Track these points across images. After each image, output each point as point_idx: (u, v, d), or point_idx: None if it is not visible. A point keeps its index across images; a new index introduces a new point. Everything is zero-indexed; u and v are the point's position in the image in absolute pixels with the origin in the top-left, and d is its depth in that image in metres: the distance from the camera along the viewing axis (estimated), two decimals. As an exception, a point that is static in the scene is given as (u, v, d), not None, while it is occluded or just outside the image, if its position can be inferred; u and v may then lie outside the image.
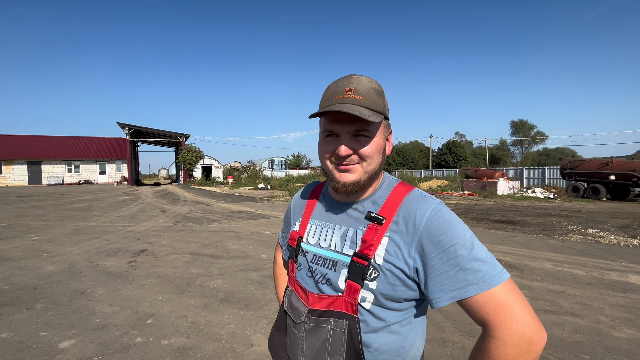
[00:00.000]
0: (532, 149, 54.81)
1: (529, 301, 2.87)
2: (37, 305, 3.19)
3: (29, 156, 31.75)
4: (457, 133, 61.10)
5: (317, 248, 0.78)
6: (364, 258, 0.68)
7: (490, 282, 0.60)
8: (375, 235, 0.69)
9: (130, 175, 32.25)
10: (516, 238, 6.45)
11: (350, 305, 0.69)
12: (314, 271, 0.76)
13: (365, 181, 0.72)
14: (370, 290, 0.68)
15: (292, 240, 0.84)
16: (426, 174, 30.95)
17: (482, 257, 0.63)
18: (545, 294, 3.50)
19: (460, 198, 16.27)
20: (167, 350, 2.40)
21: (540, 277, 4.06)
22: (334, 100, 0.69)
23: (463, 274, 0.62)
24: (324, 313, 0.72)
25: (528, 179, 21.60)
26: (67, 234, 6.76)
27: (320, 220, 0.81)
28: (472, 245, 0.64)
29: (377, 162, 0.72)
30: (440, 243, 0.64)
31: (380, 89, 0.72)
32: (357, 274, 0.68)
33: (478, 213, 10.34)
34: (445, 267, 0.63)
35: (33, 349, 2.39)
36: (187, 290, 3.60)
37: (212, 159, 39.05)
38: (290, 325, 0.80)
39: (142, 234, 6.86)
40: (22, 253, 5.20)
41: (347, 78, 0.71)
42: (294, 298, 0.81)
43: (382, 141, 0.72)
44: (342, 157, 0.70)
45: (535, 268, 4.43)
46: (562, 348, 2.41)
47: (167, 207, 12.22)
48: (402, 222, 0.68)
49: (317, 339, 0.72)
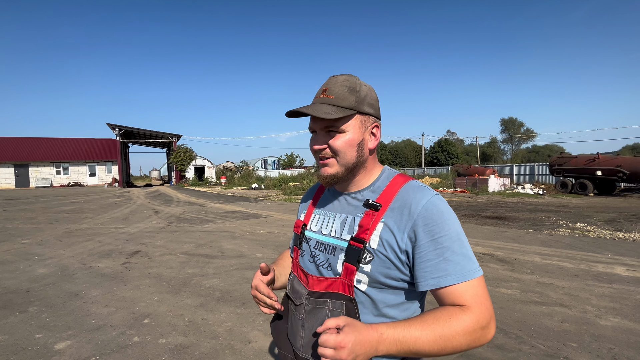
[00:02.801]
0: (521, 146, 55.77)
1: (519, 293, 2.94)
2: (30, 307, 3.16)
3: (16, 158, 31.03)
4: (448, 131, 61.85)
5: (319, 235, 0.83)
6: (359, 241, 0.73)
7: (467, 275, 0.67)
8: (371, 220, 0.73)
9: (121, 177, 31.79)
10: (507, 233, 6.59)
11: (346, 286, 0.73)
12: (316, 256, 0.81)
13: (344, 173, 0.77)
14: (365, 273, 0.72)
15: (297, 228, 0.90)
16: (419, 172, 31.23)
17: (465, 252, 0.69)
18: (535, 286, 3.60)
19: (453, 195, 16.49)
20: (165, 348, 2.41)
21: (530, 270, 4.17)
22: (313, 100, 0.78)
23: (445, 264, 0.67)
24: (323, 295, 0.76)
25: (518, 176, 22.01)
26: (58, 237, 6.66)
27: (324, 209, 0.86)
28: (458, 239, 0.69)
29: (351, 155, 0.76)
30: (432, 232, 0.68)
31: (355, 85, 0.76)
32: (353, 257, 0.73)
33: (470, 209, 10.50)
34: (431, 255, 0.68)
35: (29, 351, 2.38)
36: (183, 290, 3.60)
37: (204, 160, 38.72)
38: (292, 308, 0.84)
39: (136, 235, 6.80)
40: (12, 256, 5.11)
41: (328, 80, 0.78)
42: (296, 282, 0.85)
43: (357, 135, 0.76)
44: (316, 152, 0.78)
45: (525, 261, 4.55)
46: (551, 337, 2.50)
47: (160, 208, 12.11)
48: (397, 209, 0.72)
49: (316, 320, 0.75)
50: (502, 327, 2.66)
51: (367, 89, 0.78)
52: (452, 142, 41.91)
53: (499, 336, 2.52)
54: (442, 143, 40.26)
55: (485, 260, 4.67)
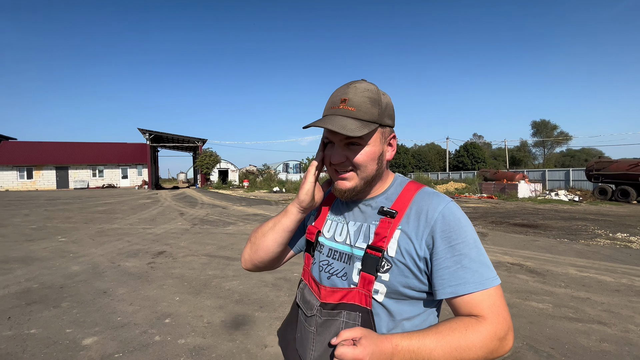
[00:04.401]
0: (555, 150, 52.73)
1: (552, 307, 2.74)
2: (63, 303, 3.35)
3: (57, 162, 33.38)
4: (475, 134, 59.67)
5: (332, 242, 0.80)
6: (377, 250, 0.70)
7: (485, 283, 0.65)
8: (388, 228, 0.71)
9: (151, 179, 33.30)
10: (538, 242, 6.22)
11: (364, 297, 0.70)
12: (330, 265, 0.78)
13: (362, 187, 0.75)
14: (383, 283, 0.69)
15: (310, 235, 0.85)
16: (443, 176, 30.34)
17: (483, 260, 0.67)
18: (569, 300, 3.35)
19: (479, 201, 15.84)
20: (184, 349, 2.46)
21: (564, 282, 3.89)
22: (330, 110, 0.73)
23: (462, 271, 0.66)
24: (337, 306, 0.72)
25: (551, 181, 20.78)
26: (91, 236, 7.05)
27: (337, 216, 0.83)
28: (475, 246, 0.68)
29: (372, 169, 0.74)
30: (449, 239, 0.67)
31: (377, 96, 0.72)
32: (370, 266, 0.70)
33: (497, 216, 10.03)
34: (448, 262, 0.67)
35: (59, 345, 2.51)
36: (204, 291, 3.68)
37: (228, 163, 39.78)
38: (302, 319, 0.81)
39: (161, 236, 7.07)
40: (50, 253, 5.46)
41: (346, 87, 0.73)
42: (307, 291, 0.82)
43: (378, 148, 0.73)
44: (336, 165, 0.75)
45: (559, 273, 4.25)
46: (587, 357, 2.30)
47: (185, 210, 12.53)
48: (414, 215, 0.71)
49: (329, 333, 0.72)
50: (532, 344, 2.49)
51: (386, 99, 0.75)
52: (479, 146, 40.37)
53: (528, 354, 2.36)
54: (467, 147, 38.90)
55: (514, 270, 4.42)
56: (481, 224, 8.49)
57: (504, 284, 3.84)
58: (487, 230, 7.55)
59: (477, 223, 8.70)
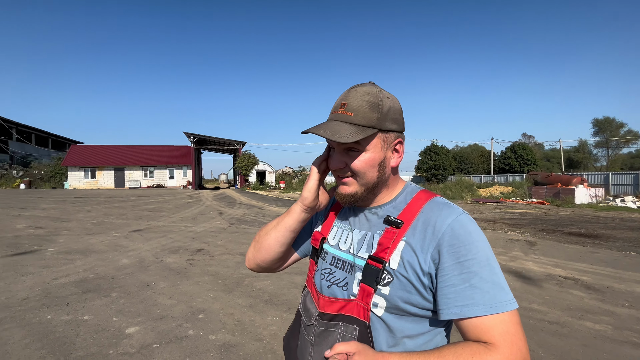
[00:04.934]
0: (621, 151, 46.87)
1: (611, 329, 2.43)
2: (112, 293, 3.66)
3: (116, 163, 36.94)
4: (524, 134, 55.12)
5: (336, 250, 0.78)
6: (378, 261, 0.67)
7: (498, 307, 0.58)
8: (392, 238, 0.67)
9: (194, 180, 35.47)
10: (598, 254, 5.55)
11: (362, 309, 0.67)
12: (332, 273, 0.75)
13: (362, 193, 0.72)
14: (383, 296, 0.65)
15: (315, 241, 0.84)
16: (487, 179, 28.47)
17: (496, 280, 0.61)
18: (634, 323, 2.93)
19: (527, 206, 14.59)
20: (214, 345, 2.56)
21: (627, 302, 3.42)
22: (330, 115, 0.72)
23: (471, 291, 0.60)
24: (335, 317, 0.70)
25: (616, 186, 18.49)
26: (140, 232, 7.67)
27: (343, 222, 0.81)
28: (488, 264, 0.61)
29: (372, 176, 0.70)
30: (457, 254, 0.62)
31: (378, 100, 0.68)
32: (370, 278, 0.67)
33: (549, 224, 9.15)
34: (455, 280, 0.61)
35: (106, 332, 2.74)
36: (236, 290, 3.80)
37: (265, 165, 41.05)
38: (302, 327, 0.79)
39: (201, 234, 7.47)
40: (105, 247, 6.03)
41: (348, 90, 0.71)
42: (309, 299, 0.80)
43: (378, 154, 0.70)
44: (335, 170, 0.74)
45: (622, 291, 3.75)
46: (656, 392, 1.99)
47: (224, 209, 13.13)
48: (421, 227, 0.66)
49: (326, 344, 0.70)
50: (585, 370, 2.21)
51: (390, 102, 0.70)
52: (528, 147, 37.12)
53: (580, 381, 2.10)
54: (515, 148, 35.97)
55: (567, 285, 3.98)
56: (529, 232, 7.80)
57: (554, 299, 3.48)
58: (536, 239, 6.91)
59: (525, 231, 8.00)
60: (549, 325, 2.90)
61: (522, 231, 7.97)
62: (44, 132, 44.65)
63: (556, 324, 2.92)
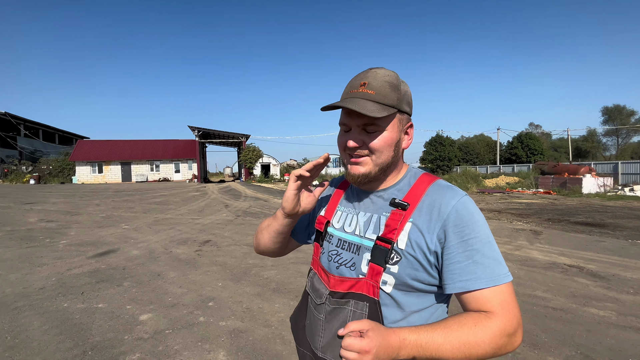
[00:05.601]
0: (631, 140, 45.94)
1: (615, 315, 2.46)
2: (125, 282, 3.77)
3: (122, 158, 37.31)
4: (531, 124, 54.30)
5: (342, 233, 0.80)
6: (387, 242, 0.70)
7: (497, 279, 0.65)
8: (399, 220, 0.70)
9: (200, 173, 35.76)
10: (604, 243, 5.53)
11: (372, 287, 0.70)
12: (339, 255, 0.78)
13: (376, 173, 0.74)
14: (392, 274, 0.69)
15: (320, 225, 0.86)
16: (493, 169, 28.21)
17: (495, 256, 0.66)
18: (638, 309, 2.95)
19: (534, 196, 14.49)
20: (224, 330, 2.64)
21: (633, 289, 3.44)
22: (349, 94, 0.72)
23: (474, 267, 0.65)
24: (345, 295, 0.73)
25: (625, 175, 18.20)
26: (148, 224, 7.81)
27: (347, 206, 0.83)
28: (489, 242, 0.67)
29: (387, 155, 0.73)
30: (462, 233, 0.66)
31: (397, 82, 0.71)
32: (379, 257, 0.70)
33: (555, 213, 9.10)
34: (460, 257, 0.66)
35: (121, 319, 2.85)
36: (244, 279, 3.89)
37: (270, 158, 41.16)
38: (311, 307, 0.83)
39: (208, 226, 7.59)
40: (115, 239, 6.17)
41: (365, 72, 0.73)
42: (317, 280, 0.83)
43: (395, 134, 0.72)
44: (351, 149, 0.73)
45: (627, 279, 3.76)
46: (658, 374, 2.02)
47: (230, 202, 13.27)
48: (426, 209, 0.70)
49: (337, 321, 0.73)
50: (587, 354, 2.25)
51: (405, 86, 0.74)
52: (535, 137, 36.53)
53: (582, 364, 2.14)
54: (522, 138, 35.44)
55: (572, 273, 4.00)
56: (534, 222, 7.78)
57: (559, 287, 3.50)
58: (542, 229, 6.90)
59: (530, 220, 7.98)
60: (553, 312, 2.93)
61: (528, 221, 7.95)
62: (51, 128, 45.14)
63: (560, 310, 2.95)
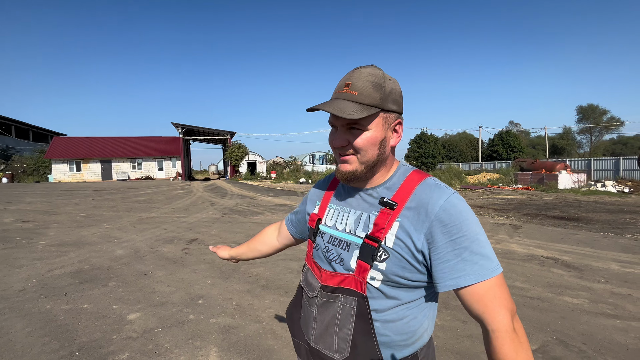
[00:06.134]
0: (604, 138, 48.17)
1: (587, 303, 2.62)
2: (110, 282, 3.70)
3: (102, 155, 36.05)
4: (511, 122, 56.03)
5: (333, 230, 0.83)
6: (374, 240, 0.72)
7: (485, 274, 0.67)
8: (387, 219, 0.72)
9: (184, 171, 35.02)
10: (578, 236, 5.84)
11: (359, 283, 0.73)
12: (330, 251, 0.81)
13: (362, 171, 0.75)
14: (380, 271, 0.72)
15: (312, 222, 0.90)
16: (475, 166, 29.00)
17: (483, 252, 0.68)
18: (608, 296, 3.16)
19: (513, 192, 15.03)
20: (215, 327, 2.65)
21: (603, 278, 3.66)
22: (334, 95, 0.74)
23: (463, 264, 0.67)
24: (335, 289, 0.77)
25: (598, 171, 19.15)
26: (132, 223, 7.63)
27: (338, 204, 0.85)
28: (477, 239, 0.68)
29: (372, 154, 0.74)
30: (450, 233, 0.67)
31: (381, 81, 0.72)
32: (367, 255, 0.73)
33: (533, 208, 9.49)
34: (449, 256, 0.68)
35: (108, 319, 2.80)
36: (233, 276, 3.89)
37: (256, 155, 40.81)
38: (305, 300, 0.87)
39: (194, 224, 7.49)
40: (98, 239, 6.01)
41: (352, 71, 0.74)
42: (310, 275, 0.87)
43: (379, 133, 0.73)
44: (337, 148, 0.76)
45: (599, 269, 4.00)
46: (623, 355, 2.18)
47: (216, 200, 13.10)
48: (414, 208, 0.71)
49: (328, 314, 0.77)
50: (562, 339, 2.40)
51: (392, 84, 0.74)
52: (515, 134, 37.84)
53: (557, 348, 2.28)
54: (502, 135, 36.63)
55: (548, 264, 4.21)
56: (514, 216, 8.10)
57: (536, 278, 3.69)
58: (521, 223, 7.20)
59: (510, 215, 8.30)
60: (531, 301, 3.09)
61: (508, 216, 8.26)
62: (25, 124, 43.04)
63: (537, 299, 3.12)
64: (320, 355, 0.80)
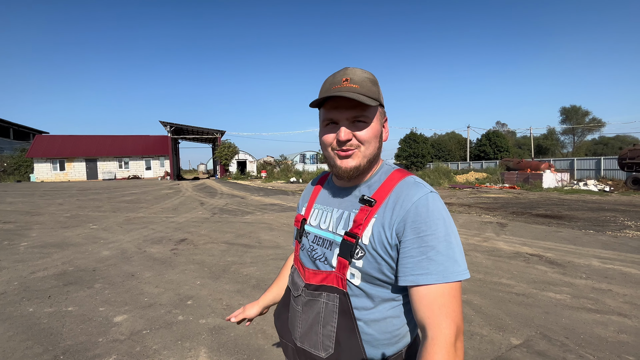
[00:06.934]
0: (586, 138, 49.72)
1: (569, 298, 2.70)
2: (96, 284, 3.62)
3: (87, 154, 35.14)
4: (498, 122, 57.37)
5: (317, 229, 0.84)
6: (352, 236, 0.73)
7: (448, 276, 0.64)
8: (365, 216, 0.73)
9: (172, 171, 34.47)
10: (561, 233, 6.02)
11: (340, 280, 0.74)
12: (314, 250, 0.82)
13: (364, 165, 0.76)
14: (357, 268, 0.72)
15: (297, 223, 0.91)
16: (463, 166, 29.50)
17: (451, 254, 0.66)
18: (589, 292, 3.27)
19: (500, 191, 15.37)
20: (205, 328, 2.63)
21: (585, 274, 3.79)
22: (332, 90, 0.73)
23: (427, 262, 0.65)
24: (318, 287, 0.78)
25: (580, 171, 19.77)
26: (119, 224, 7.47)
27: (323, 204, 0.87)
28: (446, 240, 0.66)
29: (374, 147, 0.76)
30: (418, 229, 0.67)
31: (374, 78, 0.76)
32: (346, 251, 0.74)
33: (519, 207, 9.72)
34: (414, 252, 0.67)
35: (94, 321, 2.74)
36: (223, 277, 3.86)
37: (246, 154, 40.48)
38: (291, 300, 0.88)
39: (183, 224, 7.38)
40: (83, 240, 5.86)
41: (343, 70, 0.75)
42: (296, 275, 0.88)
43: (379, 127, 0.76)
44: (342, 142, 0.73)
45: (580, 265, 4.13)
46: (603, 347, 2.27)
47: (206, 200, 12.95)
48: (390, 205, 0.71)
49: (312, 312, 0.78)
50: (545, 333, 2.47)
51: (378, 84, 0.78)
52: (502, 135, 38.66)
53: (541, 342, 2.35)
54: (490, 135, 37.35)
55: (533, 261, 4.33)
56: (501, 215, 8.28)
57: (521, 274, 3.79)
58: (507, 221, 7.37)
59: (497, 214, 8.48)
60: (516, 297, 3.17)
61: (495, 214, 8.45)
62: (5, 122, 41.55)
63: (522, 295, 3.20)
64: (306, 353, 0.80)
